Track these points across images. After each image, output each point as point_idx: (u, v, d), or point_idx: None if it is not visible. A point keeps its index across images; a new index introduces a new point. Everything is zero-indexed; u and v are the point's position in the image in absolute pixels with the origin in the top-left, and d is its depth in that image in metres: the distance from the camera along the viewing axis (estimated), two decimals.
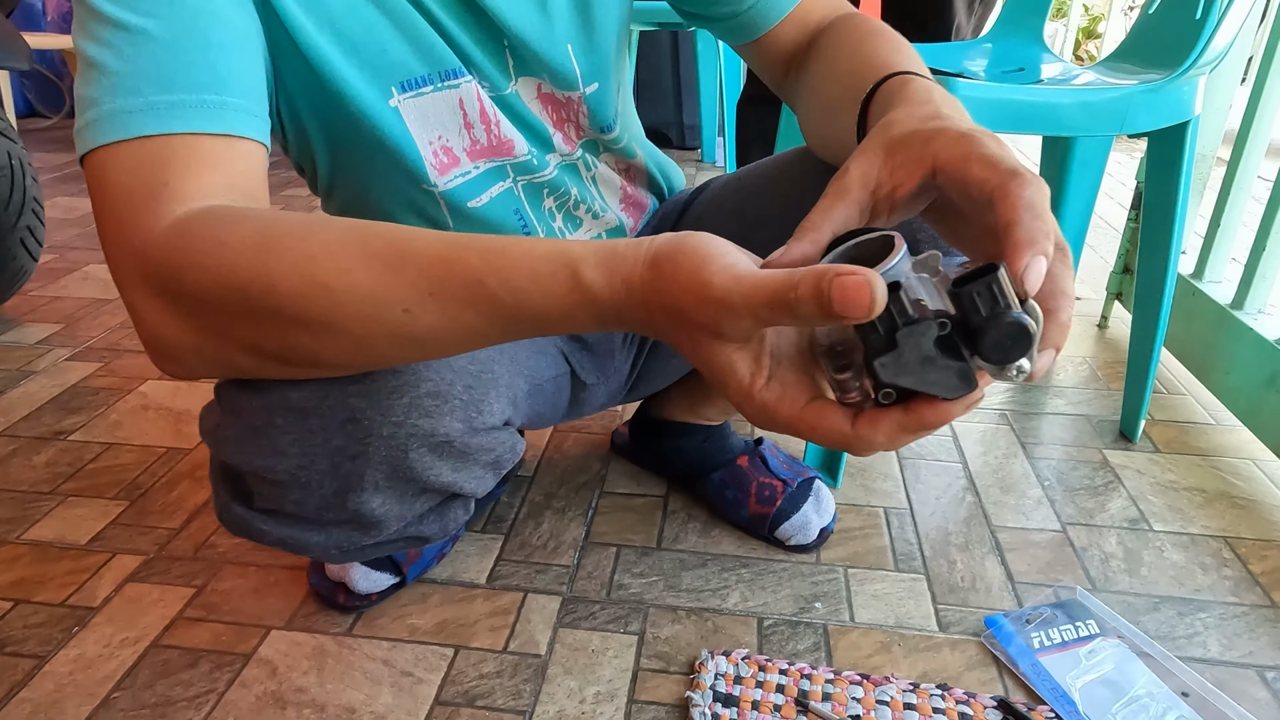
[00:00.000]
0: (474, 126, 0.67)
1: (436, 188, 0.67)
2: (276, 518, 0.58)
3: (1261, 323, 1.11)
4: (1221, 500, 1.01)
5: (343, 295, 0.42)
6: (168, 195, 0.46)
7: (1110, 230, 2.12)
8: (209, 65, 0.49)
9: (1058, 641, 0.78)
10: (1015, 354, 0.34)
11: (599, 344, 0.83)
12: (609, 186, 0.78)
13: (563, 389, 0.80)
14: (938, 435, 1.14)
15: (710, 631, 0.80)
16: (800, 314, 0.34)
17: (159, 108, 0.47)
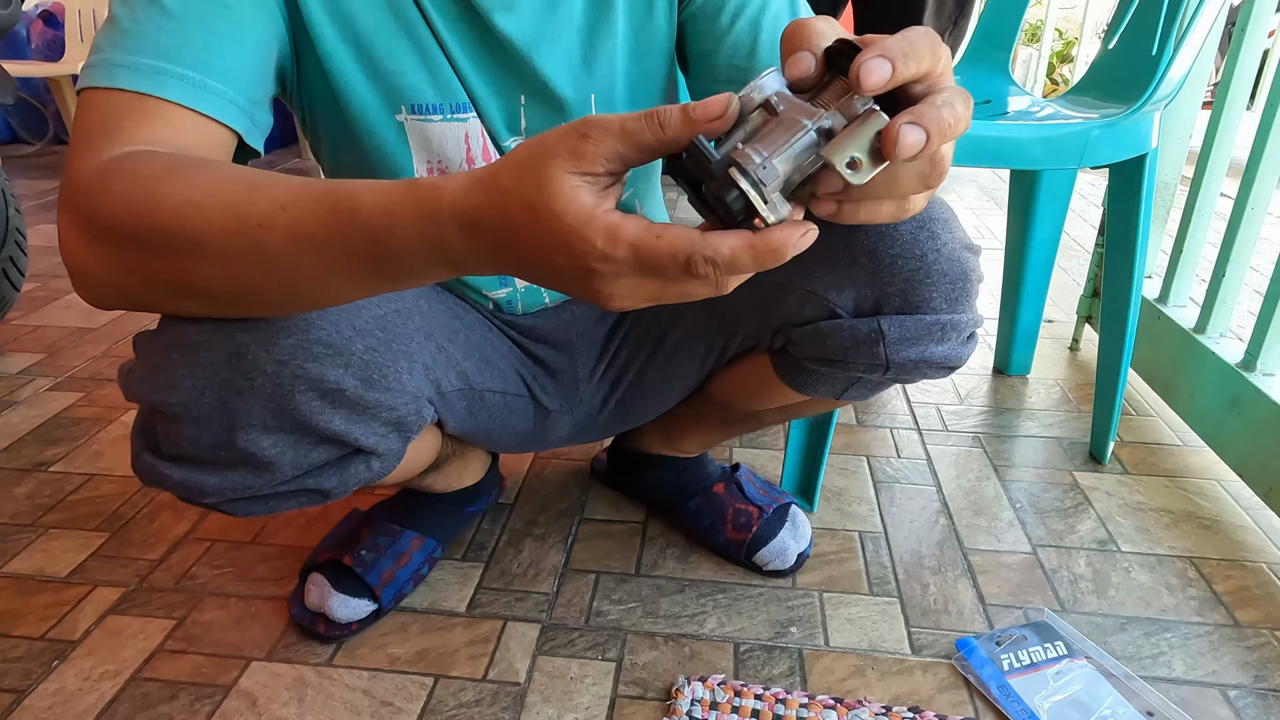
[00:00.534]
0: (475, 162, 0.69)
1: None
2: (179, 463, 0.60)
3: (1223, 346, 1.14)
4: (1187, 521, 1.03)
5: (209, 210, 0.46)
6: (118, 136, 0.51)
7: (1082, 252, 2.16)
8: (204, 48, 0.55)
9: (1027, 663, 0.79)
10: (728, 199, 0.36)
11: (561, 370, 0.84)
12: None
13: (518, 410, 0.81)
14: (912, 459, 1.17)
15: (687, 657, 0.81)
16: (667, 123, 0.37)
17: (143, 69, 0.53)
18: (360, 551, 0.86)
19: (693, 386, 0.88)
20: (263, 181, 0.46)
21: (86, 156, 0.50)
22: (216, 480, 0.60)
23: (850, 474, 1.13)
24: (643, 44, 0.70)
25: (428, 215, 0.42)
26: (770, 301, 0.74)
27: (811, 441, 1.04)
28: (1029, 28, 5.14)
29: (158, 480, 0.61)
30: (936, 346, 0.69)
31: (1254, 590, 0.91)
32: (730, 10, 0.67)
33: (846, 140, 0.35)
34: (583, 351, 0.84)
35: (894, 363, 0.69)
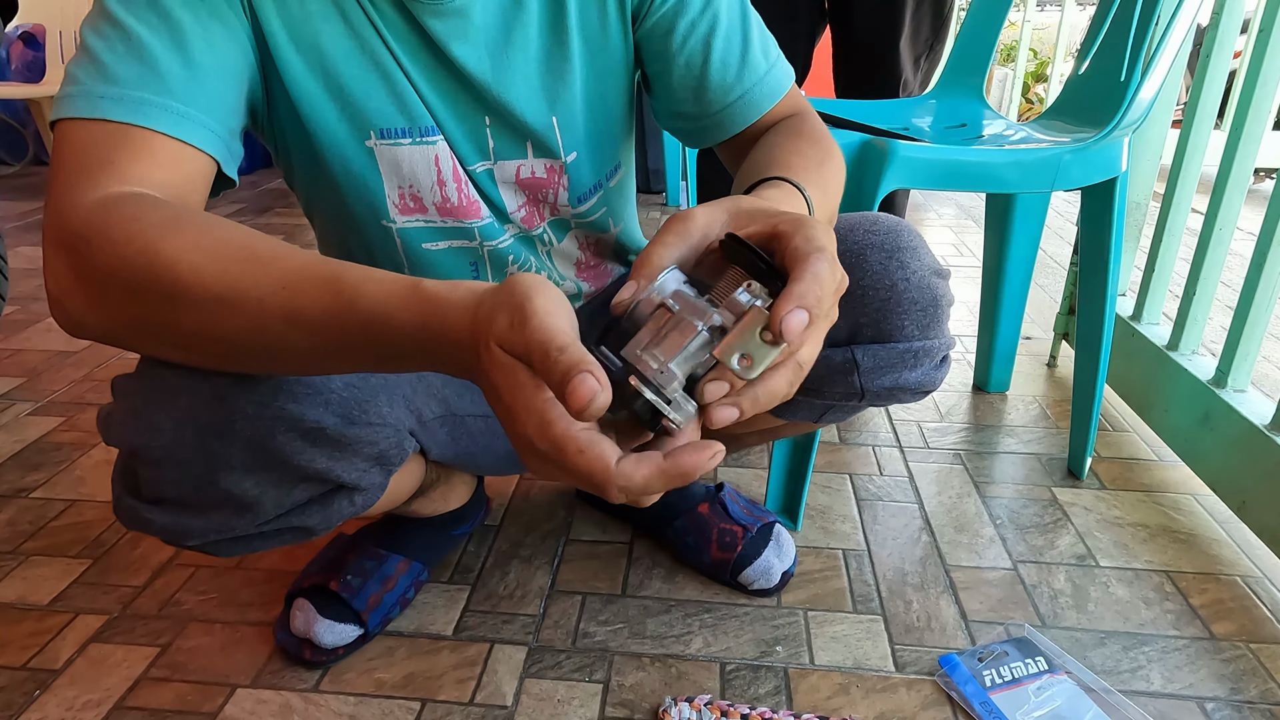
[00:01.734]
0: (446, 184, 0.70)
1: (394, 224, 0.72)
2: (161, 506, 0.60)
3: (1195, 363, 1.16)
4: (1164, 535, 1.05)
5: (208, 275, 0.46)
6: (110, 172, 0.51)
7: (1059, 269, 2.20)
8: (184, 78, 0.55)
9: (1009, 679, 0.80)
10: (635, 406, 0.39)
11: None
12: (564, 260, 0.81)
13: (500, 433, 0.82)
14: (894, 476, 1.18)
15: (674, 678, 0.82)
16: (550, 382, 0.37)
17: (128, 100, 0.53)
18: (346, 576, 0.86)
19: None
20: (266, 253, 0.46)
21: (78, 192, 0.50)
22: (200, 523, 0.60)
23: (833, 492, 1.14)
24: (600, 67, 0.71)
25: (428, 322, 0.42)
26: None
27: (795, 460, 1.05)
28: (1004, 48, 5.24)
29: (141, 524, 0.61)
30: (910, 373, 0.70)
31: (1229, 603, 0.93)
32: (681, 31, 0.69)
33: (735, 341, 0.38)
34: None
35: (869, 390, 0.71)
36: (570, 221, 0.79)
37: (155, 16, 0.55)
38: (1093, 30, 1.09)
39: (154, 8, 0.55)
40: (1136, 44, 0.97)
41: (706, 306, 0.40)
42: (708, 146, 0.75)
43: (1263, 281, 1.02)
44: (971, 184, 0.94)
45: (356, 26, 0.64)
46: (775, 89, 0.71)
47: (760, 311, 0.38)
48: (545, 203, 0.76)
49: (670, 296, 0.40)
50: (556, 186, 0.74)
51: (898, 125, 1.20)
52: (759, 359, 0.38)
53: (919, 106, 1.33)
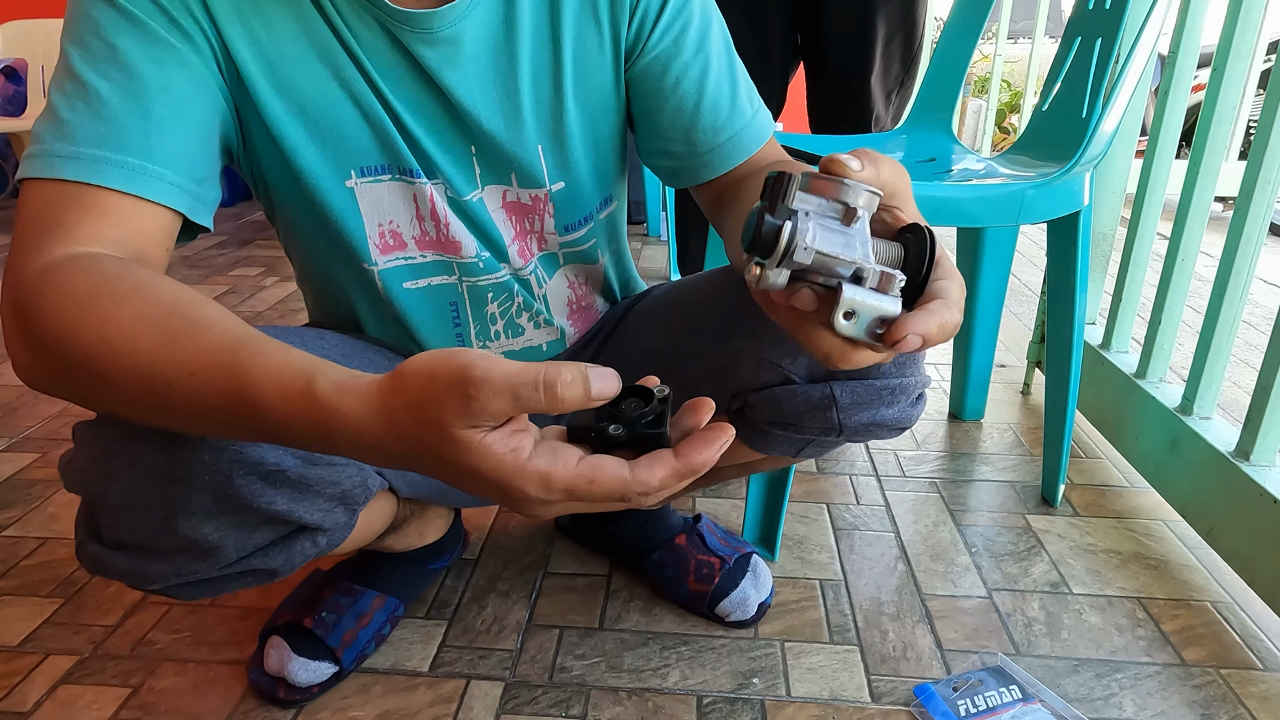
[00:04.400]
0: (424, 220, 0.71)
1: (376, 267, 0.73)
2: (123, 551, 0.60)
3: (1162, 390, 1.19)
4: (1136, 562, 1.07)
5: (123, 356, 0.47)
6: (59, 234, 0.52)
7: (1031, 296, 2.23)
8: (142, 134, 0.56)
9: (983, 708, 0.81)
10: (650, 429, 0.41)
11: None
12: (558, 299, 0.82)
13: None
14: (871, 505, 1.19)
15: (650, 712, 0.82)
16: (565, 398, 0.38)
17: (83, 159, 0.54)
18: (321, 613, 0.86)
19: None
20: (182, 331, 0.46)
21: (29, 255, 0.52)
22: (160, 567, 0.60)
23: (810, 521, 1.15)
24: (592, 100, 0.72)
25: (323, 430, 0.42)
26: (727, 368, 0.76)
27: (772, 491, 1.06)
28: (978, 80, 5.35)
29: (102, 569, 0.61)
30: (887, 409, 0.72)
31: (1199, 629, 0.94)
32: (674, 73, 0.71)
33: (863, 298, 0.39)
34: None
35: (847, 426, 0.72)
36: (559, 255, 0.79)
37: (116, 70, 0.56)
38: (1055, 66, 1.12)
39: (114, 61, 0.56)
40: (1097, 80, 1.01)
41: (870, 251, 0.40)
42: (687, 187, 0.77)
43: (1224, 310, 1.05)
44: (939, 219, 0.96)
45: (338, 66, 0.65)
46: (760, 134, 0.73)
47: (898, 306, 0.40)
48: (533, 232, 0.76)
49: (861, 209, 0.40)
50: (542, 214, 0.76)
51: None
52: (859, 327, 0.40)
53: (890, 141, 1.36)
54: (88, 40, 0.56)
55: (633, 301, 0.88)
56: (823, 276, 0.40)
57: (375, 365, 0.76)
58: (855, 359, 0.44)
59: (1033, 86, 2.74)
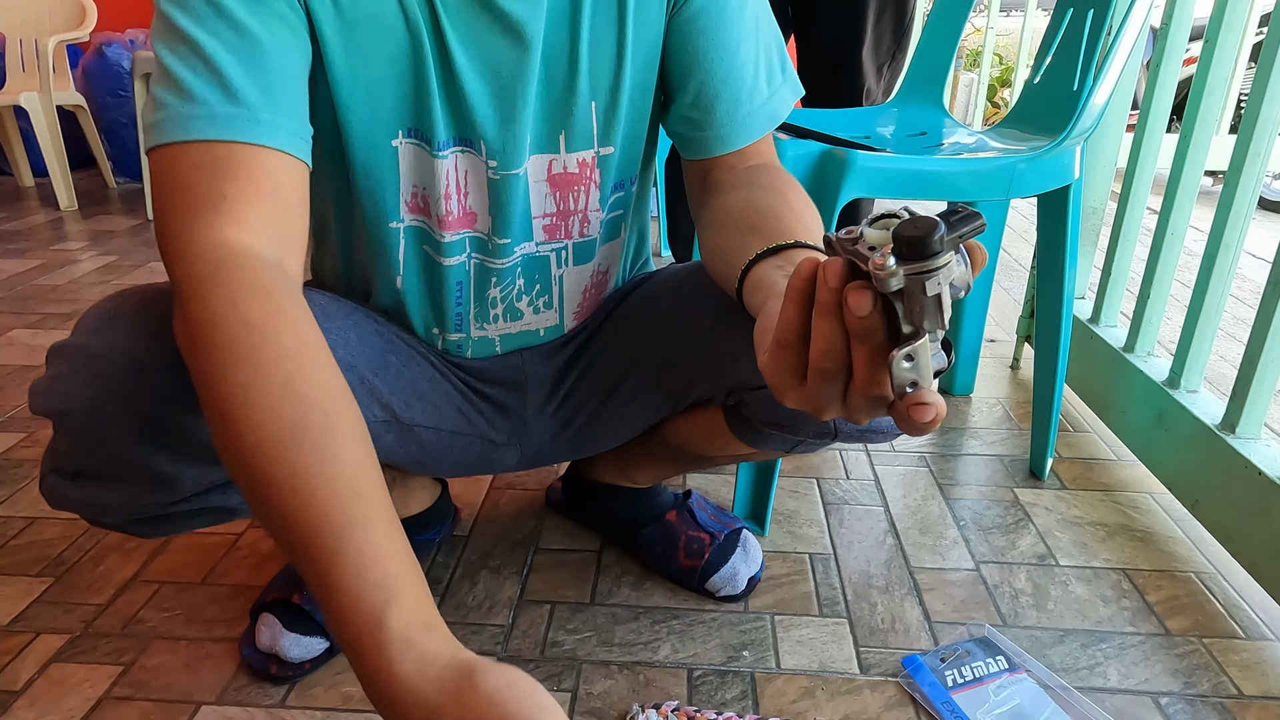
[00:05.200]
0: (452, 198, 0.71)
1: (402, 224, 0.72)
2: (81, 481, 0.61)
3: (1150, 364, 1.19)
4: (1121, 534, 1.08)
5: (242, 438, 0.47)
6: (225, 212, 0.53)
7: (1021, 271, 2.24)
8: (263, 88, 0.56)
9: (970, 679, 0.82)
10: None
11: (510, 407, 0.85)
12: (574, 287, 0.81)
13: (456, 446, 0.82)
14: (861, 480, 1.19)
15: (642, 685, 0.82)
16: None
17: (218, 118, 0.54)
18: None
19: (645, 429, 0.89)
20: (306, 444, 0.46)
21: (196, 229, 0.52)
22: (116, 497, 0.61)
23: (800, 496, 1.15)
24: (644, 54, 0.70)
25: (369, 666, 0.42)
26: (725, 366, 0.76)
27: (762, 467, 1.06)
28: (970, 53, 5.32)
29: (62, 500, 0.62)
30: (884, 418, 0.72)
31: (1184, 599, 0.95)
32: (711, 32, 0.69)
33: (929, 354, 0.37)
34: (532, 391, 0.85)
35: (841, 431, 0.73)
36: (597, 237, 0.79)
37: (225, 28, 0.55)
38: (1047, 40, 1.11)
39: (221, 18, 0.55)
40: (1088, 54, 1.00)
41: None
42: (691, 159, 0.76)
43: (1212, 284, 1.05)
44: (929, 193, 0.96)
45: (412, 19, 0.63)
46: (777, 114, 0.73)
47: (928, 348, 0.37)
48: (575, 212, 0.75)
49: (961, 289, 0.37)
50: (588, 183, 0.74)
51: (860, 134, 1.22)
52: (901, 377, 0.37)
53: (881, 115, 1.35)
54: (190, 2, 0.55)
55: (631, 287, 0.88)
56: (906, 314, 0.36)
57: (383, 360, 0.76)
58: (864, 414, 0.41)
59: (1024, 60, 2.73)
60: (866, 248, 0.36)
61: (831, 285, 0.37)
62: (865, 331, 0.36)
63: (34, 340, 1.67)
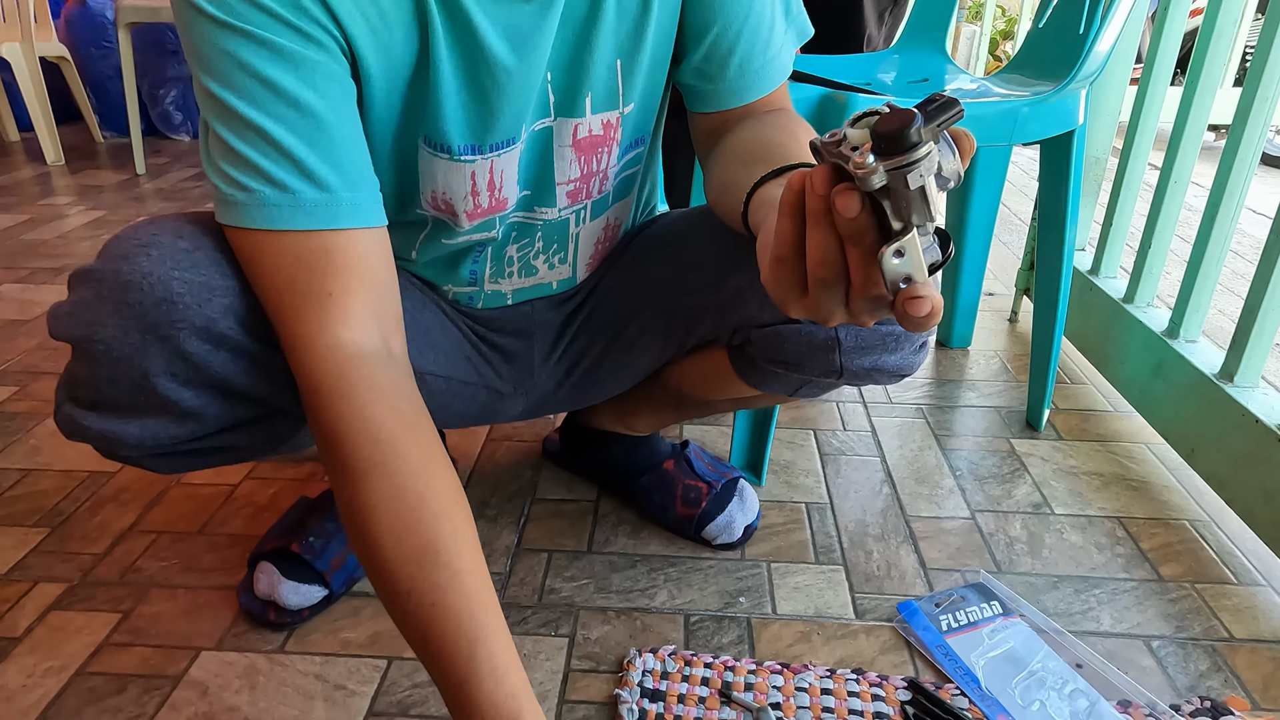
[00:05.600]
0: (480, 194, 0.69)
1: (427, 214, 0.70)
2: (99, 411, 0.60)
3: (1150, 315, 1.19)
4: (1117, 483, 1.08)
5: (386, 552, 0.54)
6: (332, 310, 0.56)
7: (1021, 225, 2.22)
8: (339, 165, 0.56)
9: (964, 623, 0.83)
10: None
11: (517, 355, 0.85)
12: (588, 243, 0.80)
13: (462, 396, 0.82)
14: (857, 431, 1.20)
15: (639, 630, 0.83)
16: None
17: (308, 207, 0.55)
18: (308, 538, 0.86)
19: (648, 373, 0.89)
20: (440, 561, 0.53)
21: (310, 331, 0.56)
22: (136, 430, 0.61)
23: (797, 447, 1.15)
24: (667, 10, 0.68)
25: None
26: (731, 303, 0.75)
27: (759, 417, 1.06)
28: (972, 5, 5.22)
29: (78, 431, 0.61)
30: (890, 355, 0.71)
31: (1176, 546, 0.96)
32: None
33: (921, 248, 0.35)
34: (540, 338, 0.85)
35: (847, 370, 0.72)
36: (610, 194, 0.77)
37: (284, 107, 0.54)
38: None
39: (280, 97, 0.54)
40: None
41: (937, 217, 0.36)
42: (700, 112, 0.74)
43: (1214, 235, 1.04)
44: None
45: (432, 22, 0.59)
46: (786, 68, 0.71)
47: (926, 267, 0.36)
48: (597, 173, 0.74)
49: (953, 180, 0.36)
50: (611, 144, 0.72)
51: (861, 80, 1.19)
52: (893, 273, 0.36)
53: (883, 61, 1.32)
54: (237, 80, 0.53)
55: (637, 231, 0.87)
56: (893, 210, 0.35)
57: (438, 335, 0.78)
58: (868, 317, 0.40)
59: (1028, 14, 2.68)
60: (849, 148, 0.35)
61: (819, 192, 0.36)
62: (856, 233, 0.36)
63: (23, 295, 1.65)
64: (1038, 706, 0.74)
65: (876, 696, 0.75)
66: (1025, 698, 0.74)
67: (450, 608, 0.52)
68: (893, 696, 0.75)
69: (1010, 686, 0.75)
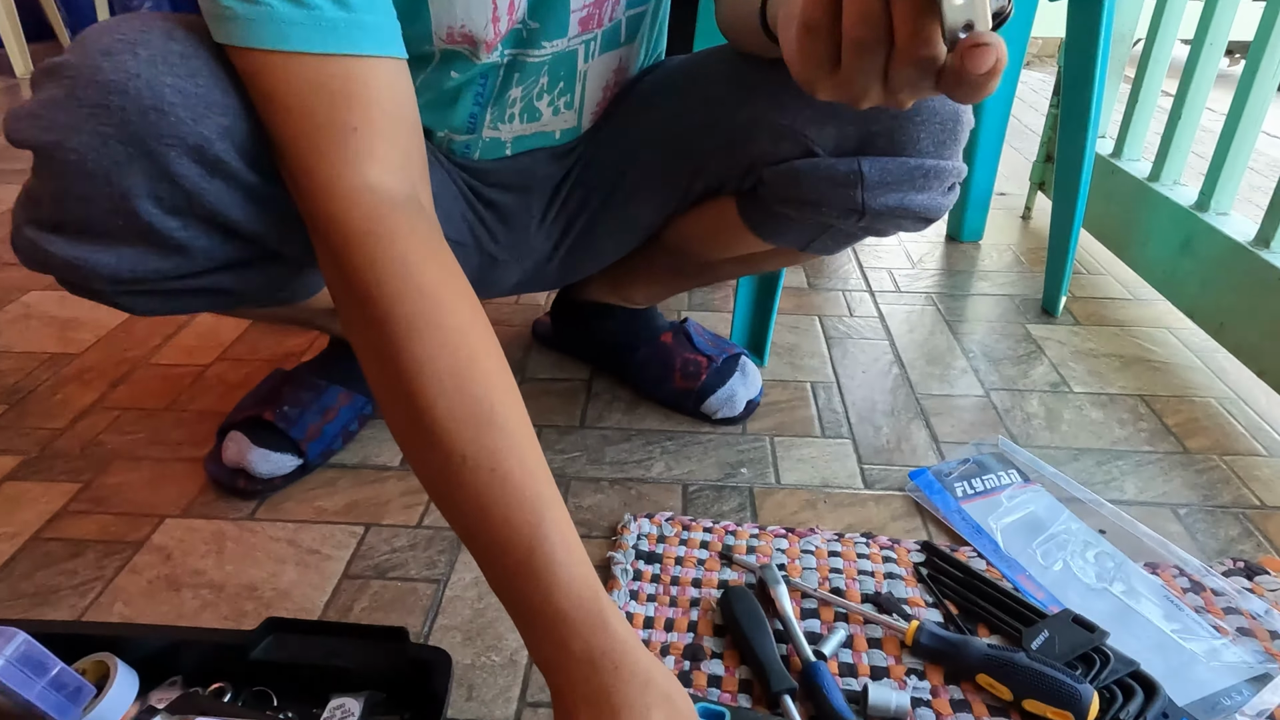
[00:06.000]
0: (500, 20, 0.62)
1: (433, 49, 0.63)
2: (67, 235, 0.52)
3: (1177, 192, 1.12)
4: (1138, 364, 1.02)
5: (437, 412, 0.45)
6: (358, 148, 0.48)
7: (1032, 135, 2.14)
8: None
9: (980, 490, 0.78)
10: None
11: (514, 214, 0.78)
12: (595, 83, 0.73)
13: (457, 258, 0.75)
14: (865, 317, 1.14)
15: (634, 499, 0.78)
16: None
17: (327, 25, 0.47)
18: (282, 407, 0.80)
19: (650, 231, 0.82)
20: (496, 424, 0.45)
21: (333, 172, 0.47)
22: (112, 260, 0.53)
23: (802, 332, 1.09)
24: None
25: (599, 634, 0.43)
26: (740, 139, 0.68)
27: (760, 295, 1.00)
28: None
29: (40, 258, 0.53)
30: (917, 195, 0.64)
31: (1203, 422, 0.91)
32: None
33: None
34: (538, 194, 0.78)
35: (870, 209, 0.65)
36: (621, 28, 0.71)
37: None
38: None
39: None
40: None
41: None
42: None
43: (1250, 101, 0.97)
44: None
45: None
46: None
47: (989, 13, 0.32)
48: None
49: None
50: None
51: None
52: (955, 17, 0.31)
53: None
54: None
55: (642, 74, 0.79)
56: None
57: None
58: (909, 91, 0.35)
59: None
60: None
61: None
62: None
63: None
64: (1060, 566, 0.69)
65: (888, 559, 0.70)
66: (1047, 559, 0.70)
67: (512, 475, 0.44)
68: (905, 558, 0.70)
69: (1031, 548, 0.71)
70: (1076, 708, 0.54)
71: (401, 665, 0.55)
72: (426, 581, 0.68)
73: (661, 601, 0.65)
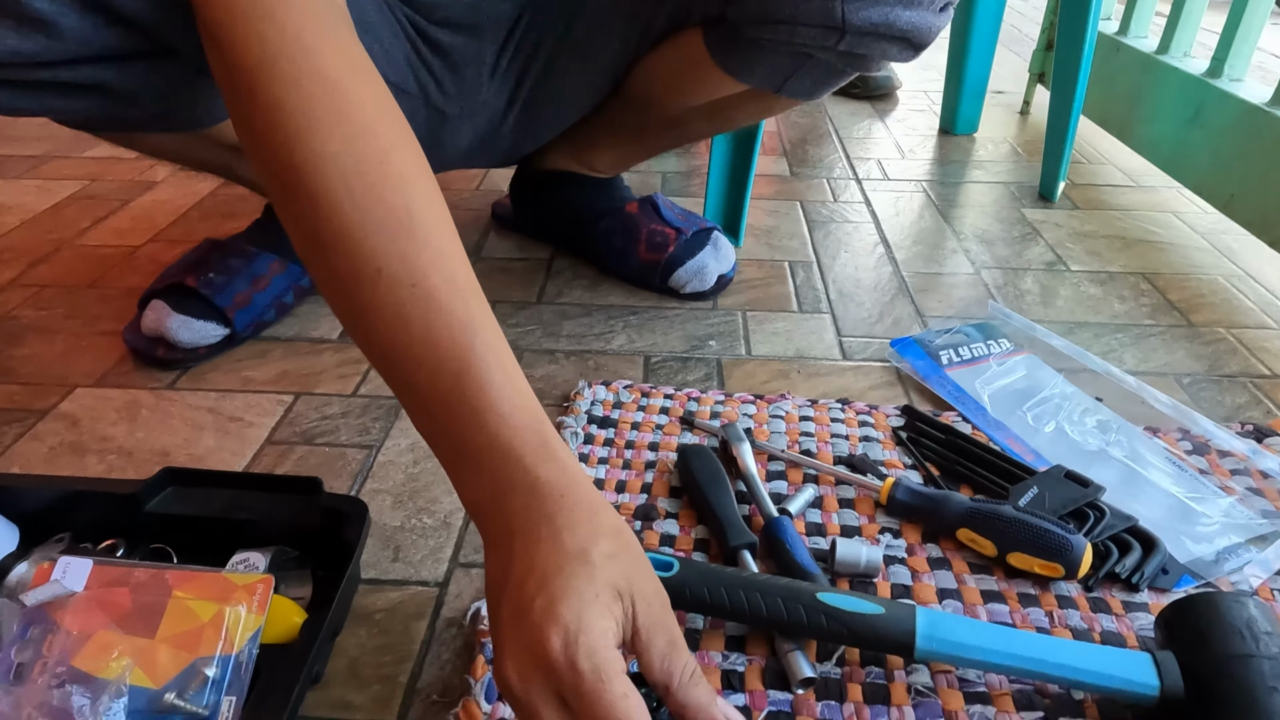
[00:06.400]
0: None
1: None
2: None
3: (1187, 64, 1.04)
4: (1140, 244, 0.96)
5: (346, 221, 0.38)
6: None
7: (1028, 40, 2.03)
8: None
9: (968, 358, 0.71)
10: None
11: (464, 60, 0.70)
12: None
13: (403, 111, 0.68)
14: (849, 202, 1.06)
15: (590, 370, 0.72)
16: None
17: None
18: (208, 274, 0.73)
19: (612, 78, 0.75)
20: (416, 234, 0.38)
21: None
22: None
23: (781, 215, 1.02)
24: None
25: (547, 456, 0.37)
26: None
27: (735, 166, 0.93)
28: None
29: None
30: (904, 10, 0.56)
31: (1209, 297, 0.84)
32: None
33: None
34: (489, 36, 0.70)
35: (851, 26, 0.57)
36: None
37: None
38: None
39: None
40: None
41: None
42: None
43: None
44: None
45: None
46: None
47: None
48: None
49: None
50: None
51: None
52: None
53: None
54: None
55: None
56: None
57: None
58: None
59: None
60: None
61: None
62: None
63: None
64: (1052, 427, 0.63)
65: (864, 423, 0.64)
66: (1038, 421, 0.64)
67: (436, 291, 0.38)
68: (883, 423, 0.64)
69: (1020, 411, 0.65)
70: (1067, 559, 0.48)
71: (313, 517, 0.49)
72: (357, 447, 0.62)
73: (614, 464, 0.59)
